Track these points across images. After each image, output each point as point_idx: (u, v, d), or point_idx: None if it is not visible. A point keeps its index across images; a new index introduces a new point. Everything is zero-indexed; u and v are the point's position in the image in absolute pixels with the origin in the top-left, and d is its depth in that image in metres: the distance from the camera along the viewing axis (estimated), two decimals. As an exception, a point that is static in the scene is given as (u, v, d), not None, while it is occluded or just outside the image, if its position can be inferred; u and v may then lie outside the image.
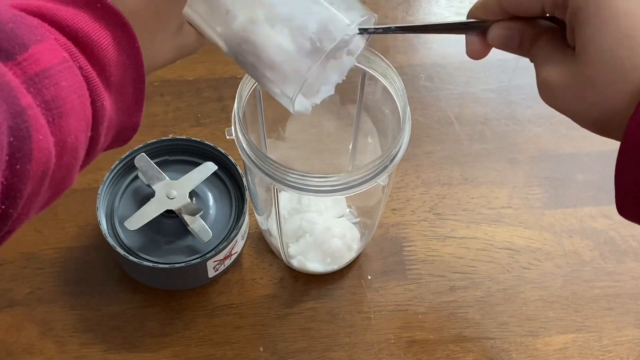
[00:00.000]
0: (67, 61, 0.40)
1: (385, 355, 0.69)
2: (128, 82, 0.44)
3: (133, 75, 0.44)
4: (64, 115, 0.39)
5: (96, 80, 0.42)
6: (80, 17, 0.42)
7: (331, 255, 0.71)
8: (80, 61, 0.41)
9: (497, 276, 0.73)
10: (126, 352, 0.68)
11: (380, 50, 0.71)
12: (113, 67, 0.43)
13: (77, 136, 0.40)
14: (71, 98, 0.40)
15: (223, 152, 0.73)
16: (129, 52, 0.43)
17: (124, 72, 0.44)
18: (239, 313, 0.71)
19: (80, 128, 0.41)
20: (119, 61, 0.43)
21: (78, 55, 0.41)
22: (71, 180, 0.43)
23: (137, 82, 0.45)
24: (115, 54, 0.43)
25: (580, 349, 0.69)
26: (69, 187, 0.43)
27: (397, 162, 0.59)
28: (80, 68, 0.41)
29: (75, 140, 0.40)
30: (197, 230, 0.69)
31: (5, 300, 0.71)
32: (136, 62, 0.44)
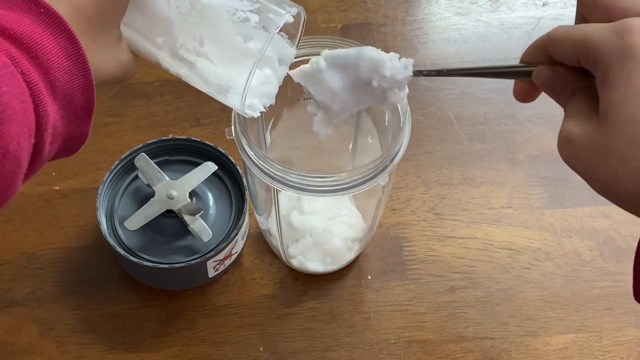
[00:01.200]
0: (8, 66, 0.39)
1: (385, 355, 0.69)
2: (76, 90, 0.43)
3: (81, 82, 0.43)
4: (5, 120, 0.38)
5: (39, 84, 0.41)
6: (23, 22, 0.41)
7: (331, 255, 0.71)
8: (23, 66, 0.40)
9: (497, 276, 0.73)
10: (126, 352, 0.68)
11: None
12: (58, 72, 0.42)
13: (20, 142, 0.39)
14: (12, 104, 0.39)
15: (223, 152, 0.73)
16: (74, 59, 0.43)
17: (70, 78, 0.43)
18: (239, 313, 0.71)
19: (23, 134, 0.39)
20: (65, 67, 0.42)
21: (21, 60, 0.40)
22: (13, 190, 0.41)
23: (86, 89, 0.44)
24: (60, 58, 0.42)
25: (580, 349, 0.69)
26: (12, 196, 0.42)
27: (397, 162, 0.59)
28: (23, 73, 0.40)
29: (17, 147, 0.39)
30: (197, 230, 0.69)
31: (5, 300, 0.71)
32: (83, 69, 0.43)
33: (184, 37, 0.50)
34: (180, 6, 0.49)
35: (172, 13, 0.49)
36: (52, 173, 0.78)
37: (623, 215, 0.76)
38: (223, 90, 0.51)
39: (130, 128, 0.81)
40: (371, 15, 0.91)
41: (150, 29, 0.50)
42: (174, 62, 0.51)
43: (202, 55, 0.50)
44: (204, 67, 0.51)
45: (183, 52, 0.50)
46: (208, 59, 0.50)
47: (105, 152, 0.79)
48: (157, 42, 0.51)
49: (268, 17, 0.50)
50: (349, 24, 0.90)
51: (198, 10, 0.49)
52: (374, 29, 0.90)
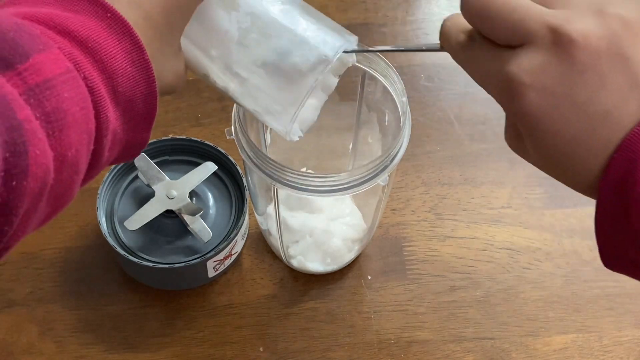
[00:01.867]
0: (71, 71, 0.39)
1: (385, 355, 0.69)
2: (138, 97, 0.43)
3: (144, 89, 0.43)
4: (64, 128, 0.38)
5: (101, 90, 0.40)
6: (89, 25, 0.41)
7: (331, 255, 0.71)
8: (86, 71, 0.40)
9: (497, 276, 0.73)
10: (126, 352, 0.68)
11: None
12: (121, 78, 0.41)
13: (79, 149, 0.39)
14: (73, 110, 0.38)
15: (223, 152, 0.73)
16: (138, 65, 0.42)
17: (133, 85, 0.42)
18: (239, 313, 0.71)
19: (82, 141, 0.39)
20: (128, 73, 0.42)
21: (84, 65, 0.40)
22: (71, 196, 0.41)
23: (149, 97, 0.43)
24: (125, 64, 0.41)
25: (580, 349, 0.69)
26: (69, 202, 0.42)
27: (397, 162, 0.59)
28: (85, 78, 0.39)
29: (76, 154, 0.39)
30: (197, 230, 0.69)
31: (5, 300, 0.71)
32: (147, 76, 0.43)
33: (240, 53, 0.49)
34: (241, 21, 0.48)
35: (232, 27, 0.48)
36: (52, 173, 0.77)
37: (623, 215, 0.76)
38: (272, 111, 0.50)
39: (130, 128, 0.81)
40: (371, 15, 0.91)
41: (207, 41, 0.49)
42: (224, 76, 0.50)
43: (256, 73, 0.49)
44: (256, 84, 0.50)
45: (237, 68, 0.49)
46: (262, 78, 0.49)
47: (105, 152, 0.79)
48: (211, 54, 0.50)
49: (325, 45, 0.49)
50: (349, 24, 0.90)
51: (259, 27, 0.48)
52: (374, 29, 0.90)
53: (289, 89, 0.49)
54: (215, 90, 0.86)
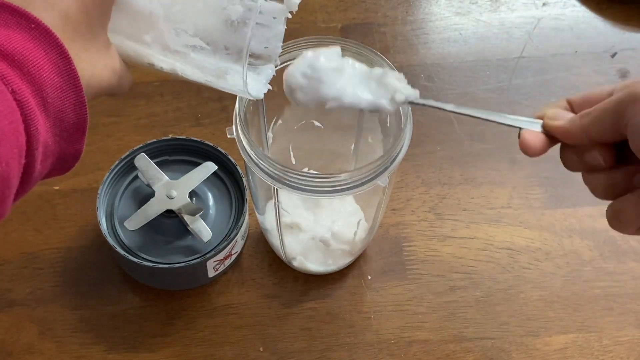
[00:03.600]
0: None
1: (385, 355, 0.69)
2: (68, 107, 0.42)
3: (73, 99, 0.43)
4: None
5: (31, 102, 0.40)
6: (14, 38, 0.40)
7: (331, 255, 0.71)
8: (14, 84, 0.39)
9: (497, 276, 0.73)
10: (126, 352, 0.68)
11: (380, 50, 0.71)
12: (49, 89, 0.41)
13: (9, 164, 0.38)
14: (1, 124, 0.38)
15: (223, 152, 0.73)
16: (65, 75, 0.42)
17: (62, 95, 0.42)
18: (239, 313, 0.71)
19: (12, 155, 0.39)
20: (56, 83, 0.41)
21: (12, 78, 0.39)
22: (3, 212, 0.41)
23: (78, 106, 0.43)
24: (52, 75, 0.41)
25: (580, 349, 0.69)
26: (3, 217, 0.41)
27: (398, 163, 0.59)
28: (14, 92, 0.39)
29: (6, 168, 0.38)
30: (197, 230, 0.69)
31: (5, 300, 0.71)
32: (74, 85, 0.42)
33: (171, 28, 0.49)
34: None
35: (154, 7, 0.48)
36: (52, 173, 0.77)
37: (623, 215, 0.76)
38: (222, 72, 0.50)
39: (130, 128, 0.81)
40: (371, 15, 0.91)
41: (136, 29, 0.49)
42: (166, 57, 0.50)
43: (193, 42, 0.49)
44: (196, 54, 0.49)
45: (173, 44, 0.49)
46: (199, 44, 0.49)
47: (105, 152, 0.79)
48: (145, 40, 0.49)
49: None
50: (349, 23, 0.90)
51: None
52: (374, 29, 0.90)
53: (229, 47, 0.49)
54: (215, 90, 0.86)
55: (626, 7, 0.91)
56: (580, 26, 0.90)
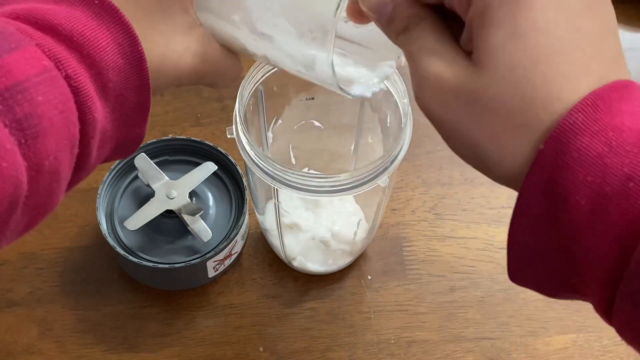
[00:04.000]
0: (49, 71, 0.35)
1: (385, 355, 0.69)
2: (130, 90, 0.39)
3: (136, 82, 0.39)
4: (39, 135, 0.34)
5: (88, 88, 0.37)
6: (75, 16, 0.37)
7: (331, 255, 0.71)
8: (69, 68, 0.36)
9: (497, 276, 0.73)
10: (126, 352, 0.68)
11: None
12: (111, 72, 0.38)
13: (57, 157, 0.36)
14: (49, 115, 0.35)
15: (223, 152, 0.73)
16: (130, 57, 0.39)
17: (124, 79, 0.39)
18: (239, 313, 0.71)
19: (62, 148, 0.36)
20: (119, 66, 0.38)
21: (68, 61, 0.36)
22: (53, 204, 0.38)
23: (141, 90, 0.40)
24: (115, 57, 0.38)
25: (580, 349, 0.69)
26: (52, 210, 0.38)
27: (398, 164, 0.59)
28: (68, 77, 0.36)
29: (55, 162, 0.35)
30: (197, 230, 0.69)
31: (5, 300, 0.71)
32: (139, 68, 0.39)
33: (258, 7, 0.44)
34: None
35: None
36: (52, 173, 0.77)
37: (623, 215, 0.76)
38: (310, 61, 0.44)
39: (130, 128, 0.81)
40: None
41: (225, 6, 0.45)
42: (255, 41, 0.45)
43: (280, 25, 0.44)
44: (283, 38, 0.44)
45: (259, 25, 0.44)
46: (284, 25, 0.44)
47: (105, 152, 0.79)
48: (234, 20, 0.45)
49: None
50: (348, 24, 0.90)
51: None
52: (374, 29, 0.89)
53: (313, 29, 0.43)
54: (215, 90, 0.86)
55: (626, 7, 0.91)
56: (580, 26, 0.90)
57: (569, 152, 0.34)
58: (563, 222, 0.35)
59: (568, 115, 0.34)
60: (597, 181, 0.33)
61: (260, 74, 0.62)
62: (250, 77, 0.61)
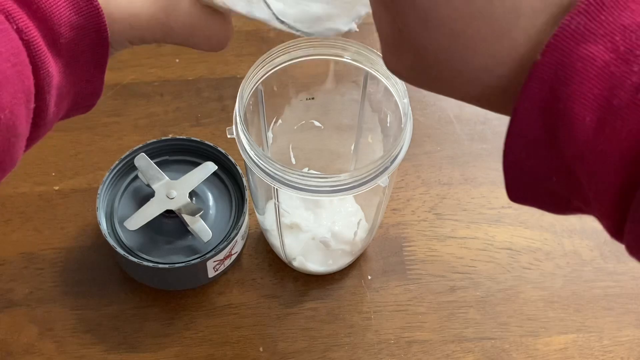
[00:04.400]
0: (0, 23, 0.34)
1: (385, 355, 0.69)
2: (86, 46, 0.38)
3: (92, 38, 0.38)
4: None
5: (39, 42, 0.36)
6: None
7: (331, 255, 0.71)
8: (20, 22, 0.35)
9: (497, 276, 0.73)
10: (126, 352, 0.68)
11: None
12: (63, 28, 0.37)
13: (13, 111, 0.35)
14: (2, 67, 0.34)
15: (223, 152, 0.73)
16: (85, 13, 0.38)
17: (78, 35, 0.38)
18: (239, 313, 0.71)
19: (17, 101, 0.35)
20: (72, 22, 0.37)
21: (18, 16, 0.35)
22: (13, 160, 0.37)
23: (98, 45, 0.39)
24: (68, 12, 0.37)
25: (580, 349, 0.69)
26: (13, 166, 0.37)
27: (398, 164, 0.59)
28: (19, 31, 0.35)
29: (10, 116, 0.35)
30: (197, 230, 0.69)
31: (5, 300, 0.71)
32: (97, 23, 0.38)
33: None
34: None
35: None
36: (52, 173, 0.77)
37: (623, 215, 0.76)
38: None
39: (130, 128, 0.81)
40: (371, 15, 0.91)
41: None
42: None
43: None
44: None
45: None
46: None
47: (105, 152, 0.79)
48: None
49: None
50: (348, 23, 0.90)
51: None
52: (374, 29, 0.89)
53: None
54: (215, 90, 0.86)
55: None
56: (580, 26, 0.90)
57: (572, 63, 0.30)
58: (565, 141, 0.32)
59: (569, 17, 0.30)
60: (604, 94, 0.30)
61: (260, 74, 0.62)
62: (250, 77, 0.61)
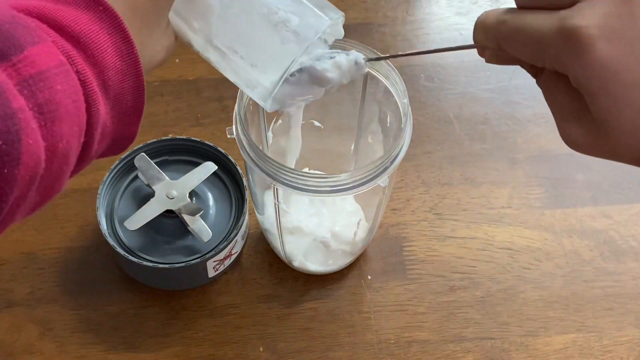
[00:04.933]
0: (64, 64, 0.39)
1: (385, 355, 0.69)
2: (127, 90, 0.44)
3: (132, 83, 0.44)
4: (56, 119, 0.38)
5: (93, 84, 0.41)
6: (81, 19, 0.41)
7: (332, 255, 0.71)
8: (78, 65, 0.40)
9: (497, 276, 0.73)
10: (126, 352, 0.68)
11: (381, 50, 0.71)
12: (112, 72, 0.42)
13: (69, 141, 0.40)
14: (65, 102, 0.39)
15: (223, 152, 0.73)
16: (127, 59, 0.43)
17: (122, 79, 0.43)
18: (239, 313, 0.71)
19: (73, 133, 0.40)
20: (118, 67, 0.43)
21: (76, 59, 0.40)
22: (60, 186, 0.42)
23: (136, 90, 0.44)
24: (114, 58, 0.42)
25: (580, 349, 0.69)
26: (58, 192, 0.42)
27: (398, 164, 0.59)
28: (78, 72, 0.40)
29: (67, 146, 0.39)
30: (197, 230, 0.69)
31: (5, 300, 0.71)
32: (135, 69, 0.43)
33: (220, 26, 0.49)
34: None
35: (214, 1, 0.49)
36: (52, 173, 0.77)
37: (623, 215, 0.76)
38: (252, 85, 0.50)
39: (130, 128, 0.81)
40: (371, 15, 0.91)
41: (190, 12, 0.49)
42: (206, 47, 0.51)
43: (236, 49, 0.49)
44: (236, 59, 0.50)
45: (217, 42, 0.50)
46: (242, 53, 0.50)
47: (105, 152, 0.78)
48: (193, 25, 0.50)
49: (309, 21, 0.48)
50: (349, 24, 0.89)
51: (240, 3, 0.49)
52: (374, 29, 0.90)
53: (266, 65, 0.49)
54: (215, 90, 0.86)
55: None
56: (580, 26, 0.90)
57: None
58: None
59: None
60: None
61: (260, 74, 0.62)
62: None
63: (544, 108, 0.49)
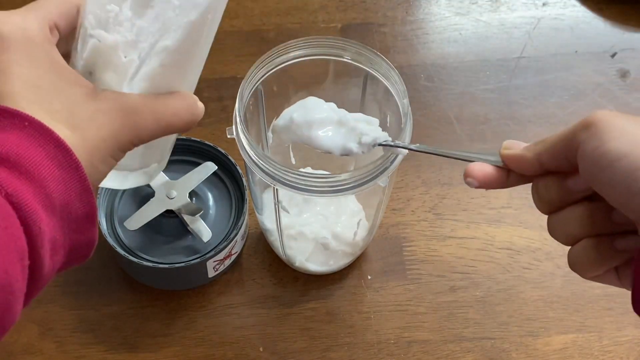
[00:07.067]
0: None
1: (385, 355, 0.69)
2: (74, 197, 0.41)
3: (78, 189, 0.41)
4: None
5: (30, 202, 0.39)
6: (8, 139, 0.39)
7: (332, 255, 0.71)
8: (9, 187, 0.38)
9: (497, 276, 0.73)
10: (126, 352, 0.68)
11: (380, 50, 0.71)
12: (52, 183, 0.40)
13: (7, 270, 0.37)
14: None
15: (223, 152, 0.73)
16: (66, 166, 0.41)
17: (66, 187, 0.41)
18: (239, 313, 0.71)
19: (11, 261, 0.37)
20: (57, 176, 0.40)
21: (7, 181, 0.38)
22: (13, 316, 0.39)
23: (84, 194, 0.42)
24: (52, 169, 0.40)
25: (580, 349, 0.69)
26: (13, 323, 0.40)
27: (398, 164, 0.59)
28: (9, 195, 0.38)
29: (5, 275, 0.37)
30: (197, 230, 0.69)
31: (5, 300, 0.71)
32: (77, 173, 0.41)
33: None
34: None
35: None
36: (52, 173, 0.77)
37: (623, 216, 0.76)
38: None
39: (130, 128, 0.81)
40: (371, 15, 0.91)
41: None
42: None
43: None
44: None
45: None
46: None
47: (105, 152, 0.78)
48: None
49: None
50: (349, 24, 0.90)
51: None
52: (374, 29, 0.90)
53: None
54: (215, 90, 0.86)
55: (626, 7, 0.91)
56: (580, 26, 0.90)
57: None
58: None
59: None
60: None
61: (260, 74, 0.62)
62: (250, 77, 0.61)
63: (544, 108, 0.49)
